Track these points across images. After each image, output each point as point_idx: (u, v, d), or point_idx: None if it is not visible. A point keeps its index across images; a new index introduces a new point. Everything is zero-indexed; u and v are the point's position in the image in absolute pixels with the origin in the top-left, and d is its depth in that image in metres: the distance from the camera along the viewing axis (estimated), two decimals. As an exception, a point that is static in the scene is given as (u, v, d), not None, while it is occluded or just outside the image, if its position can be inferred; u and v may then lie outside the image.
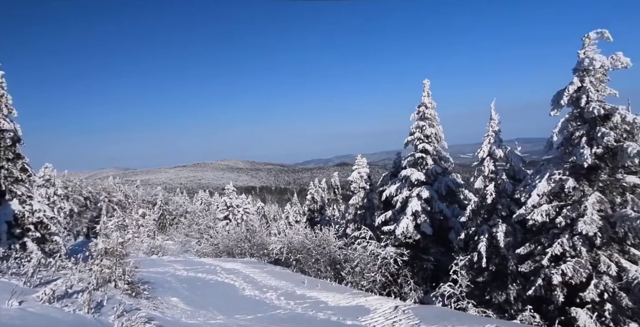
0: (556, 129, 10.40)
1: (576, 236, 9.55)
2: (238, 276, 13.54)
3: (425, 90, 16.47)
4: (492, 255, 12.14)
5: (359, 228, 16.93)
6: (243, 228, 23.48)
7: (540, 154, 11.60)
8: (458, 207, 16.08)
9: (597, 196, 9.52)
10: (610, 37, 9.58)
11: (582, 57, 9.83)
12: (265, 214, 55.31)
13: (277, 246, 16.99)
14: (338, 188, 40.00)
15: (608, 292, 9.09)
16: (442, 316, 8.28)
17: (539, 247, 10.41)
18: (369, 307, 9.66)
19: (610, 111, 9.53)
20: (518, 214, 10.78)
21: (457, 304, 10.78)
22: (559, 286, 9.57)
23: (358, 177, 21.31)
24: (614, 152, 9.45)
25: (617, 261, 9.12)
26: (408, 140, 16.65)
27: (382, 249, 14.61)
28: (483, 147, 12.97)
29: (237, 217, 33.81)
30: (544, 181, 10.25)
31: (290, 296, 10.92)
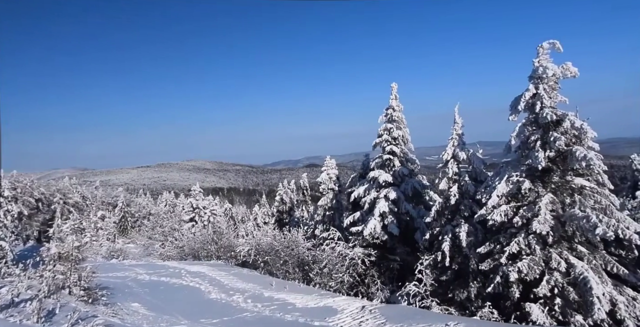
0: (514, 133, 10.94)
1: (531, 235, 10.08)
2: (204, 279, 13.20)
3: (393, 93, 16.83)
4: (455, 254, 12.56)
5: (327, 229, 16.99)
6: (210, 230, 22.92)
7: (500, 157, 12.14)
8: (424, 208, 16.52)
9: (549, 197, 10.10)
10: (561, 47, 10.24)
11: (537, 66, 10.44)
12: (233, 215, 54.32)
13: (245, 248, 16.73)
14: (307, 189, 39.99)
15: (558, 287, 9.66)
16: (407, 315, 8.47)
17: (498, 246, 10.89)
18: (337, 307, 9.71)
19: (561, 117, 10.16)
20: (479, 215, 11.23)
21: (421, 303, 11.07)
22: (515, 283, 10.05)
23: (327, 178, 21.40)
24: (564, 155, 10.08)
25: (567, 257, 9.71)
26: (376, 142, 16.93)
27: (350, 250, 14.75)
28: (447, 150, 13.42)
29: (204, 219, 32.97)
30: (503, 182, 10.75)
31: (257, 298, 10.77)
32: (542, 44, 10.40)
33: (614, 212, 9.59)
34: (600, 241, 9.84)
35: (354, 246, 15.70)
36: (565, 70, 10.23)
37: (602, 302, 8.85)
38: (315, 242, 16.08)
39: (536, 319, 9.43)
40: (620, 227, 9.07)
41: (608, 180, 10.18)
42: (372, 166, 16.98)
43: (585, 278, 9.12)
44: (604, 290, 9.11)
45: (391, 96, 16.82)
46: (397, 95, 16.86)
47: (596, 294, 8.85)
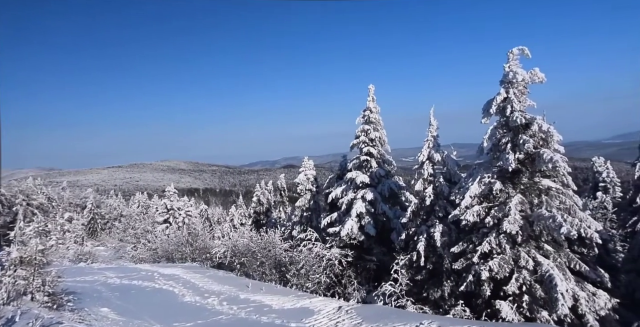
0: (486, 135, 11.29)
1: (502, 235, 10.43)
2: (178, 282, 12.89)
3: (370, 95, 17.03)
4: (429, 254, 12.82)
5: (305, 230, 16.98)
6: (184, 232, 22.41)
7: (473, 159, 12.50)
8: (400, 208, 16.78)
9: (519, 198, 10.49)
10: (529, 54, 10.68)
11: (507, 71, 10.83)
12: (209, 216, 53.34)
13: (221, 249, 16.47)
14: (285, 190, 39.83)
15: (526, 285, 10.04)
16: (382, 315, 8.57)
17: (470, 245, 11.20)
18: (313, 308, 9.71)
19: (530, 120, 10.58)
20: (453, 215, 11.52)
21: (397, 302, 11.23)
22: (486, 281, 10.36)
23: (305, 179, 21.38)
24: (532, 157, 10.50)
25: (534, 256, 10.11)
26: (354, 144, 17.08)
27: (328, 251, 14.79)
28: (423, 152, 13.69)
29: (178, 220, 32.21)
30: (476, 183, 11.07)
31: (233, 300, 10.62)
32: (512, 49, 10.81)
33: (577, 212, 10.06)
34: (565, 239, 10.30)
35: (331, 246, 15.75)
36: (534, 75, 10.67)
37: (566, 298, 9.26)
38: (292, 243, 16.03)
39: (505, 316, 9.76)
40: (583, 226, 9.52)
41: (572, 181, 10.69)
42: (350, 167, 17.11)
43: (551, 275, 9.52)
44: (568, 286, 9.54)
45: (368, 98, 17.02)
46: (374, 97, 17.08)
47: (560, 290, 9.25)
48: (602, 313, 9.67)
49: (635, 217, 16.36)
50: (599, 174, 25.60)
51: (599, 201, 19.79)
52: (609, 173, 25.42)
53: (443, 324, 7.52)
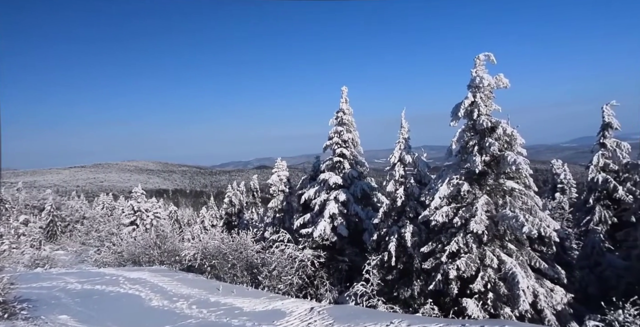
0: (455, 138, 11.66)
1: (469, 234, 10.79)
2: (144, 286, 12.44)
3: (344, 96, 17.18)
4: (400, 254, 13.07)
5: (277, 231, 16.87)
6: (152, 234, 21.66)
7: (442, 161, 12.85)
8: (372, 209, 17.00)
9: (485, 198, 10.90)
10: (495, 60, 11.14)
11: (474, 76, 11.25)
12: (179, 218, 51.91)
13: (191, 251, 16.06)
14: (257, 191, 39.42)
15: (491, 282, 10.44)
16: (354, 315, 8.64)
17: (439, 245, 11.51)
18: (285, 310, 9.65)
19: (495, 124, 11.03)
20: (423, 215, 11.81)
21: (368, 302, 11.36)
22: (454, 280, 10.69)
23: (278, 180, 21.25)
24: (497, 160, 10.95)
25: (498, 255, 10.53)
26: (327, 145, 17.15)
27: (300, 252, 14.76)
28: (394, 153, 13.94)
29: (146, 222, 31.11)
30: (445, 185, 11.40)
31: (203, 303, 10.37)
32: (478, 55, 11.24)
33: (538, 212, 10.58)
34: (526, 238, 10.79)
35: (304, 247, 15.74)
36: (499, 81, 11.14)
37: (527, 295, 9.71)
38: (264, 245, 15.87)
39: (471, 313, 10.10)
40: (543, 225, 10.02)
41: (533, 183, 11.23)
42: (323, 168, 17.17)
43: (513, 273, 9.95)
44: (529, 283, 10.01)
45: (341, 99, 17.16)
46: (347, 99, 17.24)
47: (522, 287, 9.69)
48: (559, 308, 10.21)
49: (588, 217, 17.39)
50: (557, 176, 27.06)
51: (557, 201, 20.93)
52: (566, 175, 26.93)
53: (412, 322, 7.68)
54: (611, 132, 17.28)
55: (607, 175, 17.06)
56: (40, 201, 43.79)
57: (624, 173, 17.23)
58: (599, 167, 17.29)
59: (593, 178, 17.30)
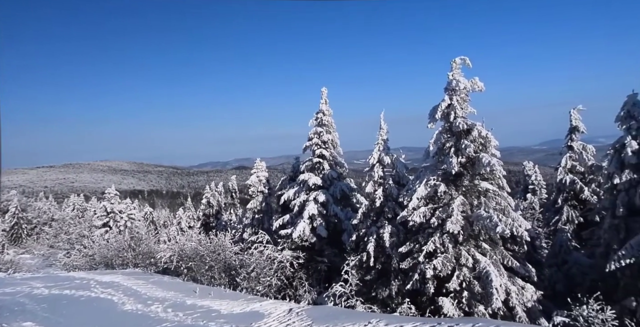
0: (432, 139, 11.90)
1: (445, 234, 11.02)
2: (117, 290, 12.06)
3: (323, 97, 17.23)
4: (379, 254, 13.20)
5: (256, 232, 16.71)
6: (127, 236, 21.06)
7: (420, 162, 13.08)
8: (351, 210, 17.11)
9: (461, 199, 11.16)
10: (470, 64, 11.45)
11: (451, 79, 11.52)
12: (154, 220, 50.61)
13: (167, 254, 15.69)
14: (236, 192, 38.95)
15: (466, 281, 10.70)
16: (332, 315, 8.67)
17: (417, 245, 11.70)
18: (264, 312, 9.58)
19: (470, 126, 11.32)
20: (401, 216, 11.98)
21: (347, 303, 11.41)
22: (431, 279, 10.89)
23: (257, 181, 21.08)
24: (473, 161, 11.24)
25: (473, 254, 10.81)
26: (306, 146, 17.15)
27: (279, 253, 14.68)
28: (373, 154, 14.08)
29: (120, 224, 30.21)
30: (422, 186, 11.61)
31: (179, 306, 10.15)
32: (455, 59, 11.53)
33: (511, 213, 10.94)
34: (500, 238, 11.13)
35: (283, 249, 15.66)
36: (474, 84, 11.46)
37: (500, 293, 10.01)
38: (243, 246, 15.71)
39: (447, 312, 10.32)
40: (515, 225, 10.35)
41: (507, 184, 11.60)
42: (303, 168, 17.15)
43: (487, 272, 10.23)
44: (501, 282, 10.31)
45: (321, 100, 17.21)
46: (327, 100, 17.31)
47: (495, 286, 9.98)
48: (529, 305, 10.57)
49: (557, 217, 18.14)
50: (528, 177, 28.06)
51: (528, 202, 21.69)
52: (536, 176, 27.97)
53: (390, 322, 7.78)
54: (578, 135, 18.10)
55: (574, 176, 17.84)
56: (4, 202, 41.72)
57: (589, 175, 18.07)
58: (566, 169, 18.06)
59: (561, 179, 18.05)
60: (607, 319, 8.25)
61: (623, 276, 10.78)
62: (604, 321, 8.24)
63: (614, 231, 11.92)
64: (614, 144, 11.94)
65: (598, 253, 13.24)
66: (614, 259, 10.13)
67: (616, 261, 9.98)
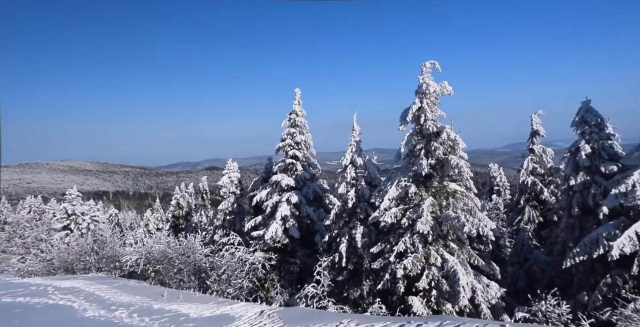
0: (403, 141, 12.15)
1: (415, 235, 11.29)
2: (78, 296, 11.47)
3: (297, 98, 17.22)
4: (351, 255, 13.32)
5: (227, 234, 16.45)
6: (89, 239, 20.08)
7: (392, 163, 13.33)
8: (324, 211, 17.17)
9: (430, 200, 11.47)
10: (440, 68, 11.81)
11: (421, 82, 11.83)
12: (120, 222, 48.64)
13: (133, 257, 15.10)
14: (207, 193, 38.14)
15: (434, 280, 11.00)
16: (304, 317, 8.66)
17: (388, 245, 11.90)
18: (234, 315, 9.42)
19: (440, 129, 11.67)
20: (373, 217, 12.15)
21: (319, 304, 11.42)
22: (401, 279, 11.11)
23: (228, 181, 20.74)
24: (442, 163, 11.59)
25: (442, 254, 11.13)
26: (279, 147, 17.06)
27: (251, 255, 14.49)
28: (346, 156, 14.21)
29: (82, 226, 28.80)
30: (394, 187, 11.83)
31: (145, 311, 9.79)
32: (425, 63, 11.85)
33: (477, 213, 11.35)
34: (467, 237, 11.52)
35: (255, 250, 15.49)
36: (443, 88, 11.83)
37: (466, 291, 10.36)
38: (214, 248, 15.40)
39: (416, 311, 10.56)
40: (481, 225, 10.76)
41: (474, 185, 12.03)
42: (275, 169, 17.05)
43: (455, 271, 10.56)
44: (468, 280, 10.68)
45: (294, 101, 17.19)
46: (300, 101, 17.30)
47: (462, 284, 10.32)
48: (493, 302, 11.01)
49: (519, 217, 19.04)
50: (494, 179, 29.27)
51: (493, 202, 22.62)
52: (501, 178, 29.23)
53: (361, 321, 7.86)
54: (538, 138, 19.08)
55: (535, 178, 18.78)
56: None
57: (548, 176, 19.09)
58: (528, 171, 18.98)
59: (523, 181, 18.95)
60: (562, 313, 8.74)
61: (577, 272, 11.44)
62: (560, 315, 8.72)
63: (569, 230, 12.63)
64: (570, 148, 12.66)
65: (556, 251, 13.99)
66: (569, 256, 10.72)
67: (571, 258, 10.57)
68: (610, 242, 9.60)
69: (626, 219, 10.09)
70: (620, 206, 9.98)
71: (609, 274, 10.23)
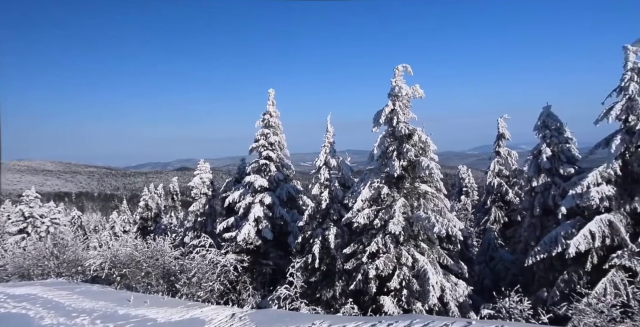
0: (376, 143, 12.33)
1: (387, 235, 11.45)
2: (34, 303, 10.86)
3: (270, 99, 17.10)
4: (324, 256, 13.34)
5: (198, 236, 16.06)
6: (49, 243, 19.06)
7: (365, 165, 13.47)
8: (297, 212, 17.11)
9: (402, 201, 11.68)
10: (412, 71, 12.09)
11: (394, 85, 12.06)
12: (84, 224, 46.47)
13: (97, 260, 14.47)
14: (177, 194, 37.14)
15: (405, 280, 11.20)
16: (276, 318, 8.59)
17: (360, 246, 12.00)
18: (205, 318, 9.21)
19: (412, 131, 11.93)
20: (346, 218, 12.23)
21: (291, 305, 11.36)
22: (373, 279, 11.23)
23: (200, 182, 20.29)
24: (413, 165, 11.84)
25: (413, 254, 11.35)
26: (253, 147, 16.88)
27: (223, 257, 14.23)
28: (320, 157, 14.25)
29: (40, 229, 27.30)
30: (367, 188, 11.97)
31: (109, 317, 9.39)
32: (397, 66, 12.10)
33: (447, 213, 11.68)
34: (437, 237, 11.82)
35: (227, 252, 15.22)
36: (415, 91, 12.10)
37: (435, 290, 10.61)
38: (184, 251, 15.00)
39: (388, 310, 10.71)
40: (450, 225, 11.06)
41: (444, 186, 12.37)
42: (248, 170, 16.84)
43: (425, 270, 10.81)
44: (437, 279, 10.95)
45: (268, 102, 17.07)
46: (274, 102, 17.20)
47: (432, 283, 10.57)
48: (461, 300, 11.35)
49: (486, 217, 19.78)
50: (462, 180, 30.27)
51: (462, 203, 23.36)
52: (469, 179, 30.26)
53: (334, 322, 7.89)
54: (504, 141, 19.91)
55: (501, 180, 19.57)
56: None
57: (513, 178, 19.94)
58: (494, 173, 19.75)
59: (490, 182, 19.70)
60: (524, 309, 9.14)
61: (538, 269, 11.99)
62: (522, 311, 9.12)
63: (531, 229, 13.23)
64: (533, 151, 13.28)
65: (519, 250, 14.62)
66: (531, 254, 11.22)
67: (533, 256, 11.06)
68: (568, 241, 10.12)
69: (582, 218, 10.68)
70: (576, 206, 10.54)
71: (566, 270, 10.78)
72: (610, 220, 9.94)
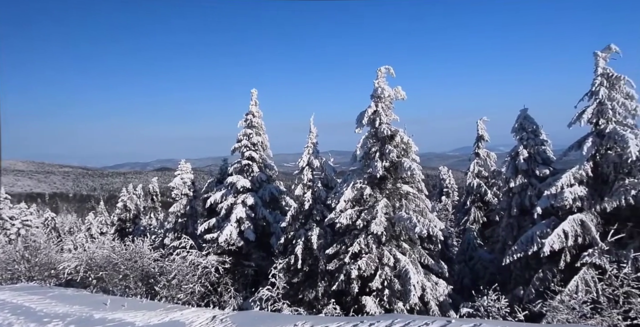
0: (359, 144, 12.41)
1: (370, 235, 11.53)
2: (2, 309, 10.41)
3: (253, 99, 16.98)
4: (306, 257, 13.32)
5: (179, 237, 15.79)
6: (19, 245, 18.33)
7: (348, 165, 13.53)
8: (280, 213, 17.03)
9: (385, 202, 11.79)
10: (394, 73, 12.24)
11: (377, 86, 12.18)
12: (57, 226, 44.91)
13: (72, 263, 14.02)
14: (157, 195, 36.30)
15: (387, 280, 11.31)
16: (258, 320, 8.52)
17: (343, 247, 12.05)
18: (185, 321, 9.05)
19: (394, 133, 12.06)
20: (329, 218, 12.25)
21: (273, 306, 11.29)
22: (355, 279, 11.29)
23: (181, 183, 19.93)
24: (396, 165, 11.97)
25: (395, 254, 11.47)
26: (235, 147, 16.70)
27: (204, 258, 14.03)
28: (303, 157, 14.23)
29: (10, 232, 26.27)
30: (349, 188, 12.02)
31: (84, 322, 9.10)
32: (380, 68, 12.23)
33: (428, 214, 11.85)
34: (418, 238, 11.98)
35: (208, 253, 15.01)
36: (397, 93, 12.26)
37: (417, 289, 10.75)
38: (164, 252, 14.71)
39: (370, 310, 10.78)
40: (431, 226, 11.24)
41: (425, 187, 12.55)
42: (231, 171, 16.66)
43: (406, 270, 10.94)
44: (418, 279, 11.10)
45: (251, 102, 16.94)
46: (257, 102, 17.08)
47: (413, 283, 10.70)
48: (441, 299, 11.53)
49: (466, 217, 20.18)
50: (443, 181, 30.78)
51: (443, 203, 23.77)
52: (450, 180, 30.81)
53: (316, 323, 7.88)
54: (483, 143, 20.38)
55: (480, 181, 20.01)
56: None
57: (492, 179, 20.42)
58: (474, 174, 20.18)
59: (470, 183, 20.11)
60: (501, 307, 9.38)
61: (515, 268, 12.32)
62: (499, 309, 9.36)
63: (509, 229, 13.58)
64: (510, 152, 13.64)
65: (497, 249, 14.98)
66: (508, 254, 11.51)
67: (510, 256, 11.36)
68: (543, 240, 10.44)
69: (556, 218, 11.03)
70: (551, 206, 10.88)
71: (541, 269, 11.11)
72: (582, 220, 10.30)
